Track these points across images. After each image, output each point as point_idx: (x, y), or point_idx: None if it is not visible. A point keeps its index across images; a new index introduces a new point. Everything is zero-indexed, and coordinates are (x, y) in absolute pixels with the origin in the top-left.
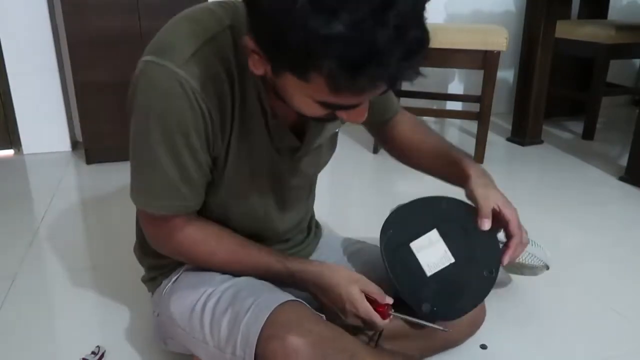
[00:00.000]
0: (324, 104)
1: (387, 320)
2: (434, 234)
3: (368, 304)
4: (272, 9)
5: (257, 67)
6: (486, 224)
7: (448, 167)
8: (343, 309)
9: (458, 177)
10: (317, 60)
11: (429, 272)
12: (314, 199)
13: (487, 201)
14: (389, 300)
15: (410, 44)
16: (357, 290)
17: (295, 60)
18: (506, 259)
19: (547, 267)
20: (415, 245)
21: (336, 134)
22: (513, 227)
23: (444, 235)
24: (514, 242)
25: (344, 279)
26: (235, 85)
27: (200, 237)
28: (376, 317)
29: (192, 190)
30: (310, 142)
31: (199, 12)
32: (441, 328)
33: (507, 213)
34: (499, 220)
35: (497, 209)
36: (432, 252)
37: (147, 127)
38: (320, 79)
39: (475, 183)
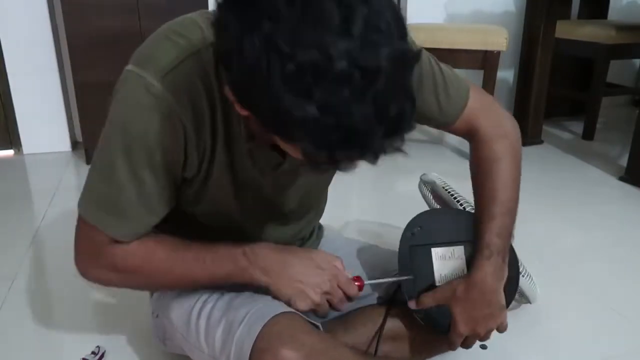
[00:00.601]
0: (309, 162)
1: (361, 292)
2: (458, 250)
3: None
4: (246, 83)
5: (242, 110)
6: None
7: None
8: (318, 284)
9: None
10: (294, 138)
11: (438, 281)
12: (317, 214)
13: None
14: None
15: (392, 121)
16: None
17: (275, 130)
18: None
19: (530, 302)
20: (436, 251)
21: None
22: (451, 333)
23: (468, 255)
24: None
25: (317, 252)
26: (216, 103)
27: (135, 247)
28: (354, 286)
29: (147, 214)
30: (292, 159)
31: (185, 25)
32: (408, 277)
33: (455, 327)
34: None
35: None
36: (449, 265)
37: (112, 137)
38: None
39: (462, 289)
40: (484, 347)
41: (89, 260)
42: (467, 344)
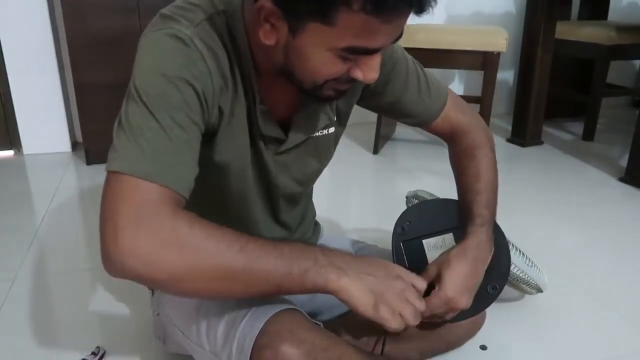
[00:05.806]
0: (347, 50)
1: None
2: (448, 237)
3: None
4: None
5: (269, 36)
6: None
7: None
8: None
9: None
10: None
11: None
12: (309, 207)
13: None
14: None
15: None
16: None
17: None
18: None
19: (541, 290)
20: (427, 242)
21: (332, 141)
22: (434, 296)
23: (458, 241)
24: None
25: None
26: (232, 63)
27: (195, 216)
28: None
29: (193, 161)
30: (296, 132)
31: None
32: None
33: (441, 289)
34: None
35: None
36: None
37: (144, 84)
38: (348, 16)
39: (455, 252)
40: (483, 347)
41: (138, 231)
42: (440, 316)
